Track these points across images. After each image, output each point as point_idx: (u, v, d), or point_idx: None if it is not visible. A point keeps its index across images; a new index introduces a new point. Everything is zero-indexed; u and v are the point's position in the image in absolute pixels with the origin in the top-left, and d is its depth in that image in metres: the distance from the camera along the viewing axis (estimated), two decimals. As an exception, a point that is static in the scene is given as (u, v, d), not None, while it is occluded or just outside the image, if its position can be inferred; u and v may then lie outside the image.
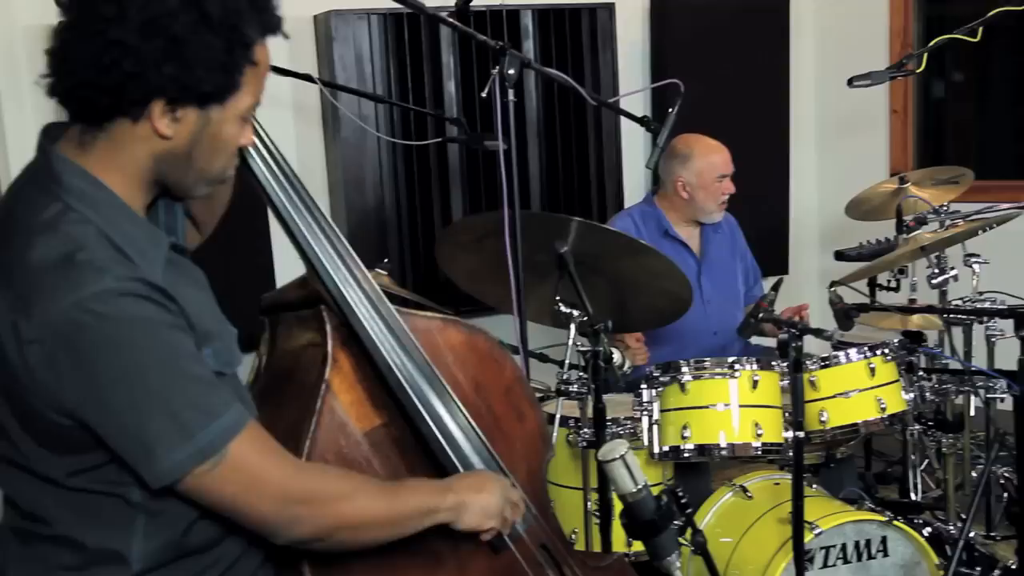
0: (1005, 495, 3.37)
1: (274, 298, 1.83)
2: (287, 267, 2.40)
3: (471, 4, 3.83)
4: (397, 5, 2.47)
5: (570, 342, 2.65)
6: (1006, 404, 2.83)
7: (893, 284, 3.71)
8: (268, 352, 1.82)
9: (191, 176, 1.49)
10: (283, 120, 4.18)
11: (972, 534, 3.08)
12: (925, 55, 3.38)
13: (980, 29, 3.30)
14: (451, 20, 2.60)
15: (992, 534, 3.37)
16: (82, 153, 1.44)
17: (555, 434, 2.68)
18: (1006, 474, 3.34)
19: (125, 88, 1.36)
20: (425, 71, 4.25)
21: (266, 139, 1.66)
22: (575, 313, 2.60)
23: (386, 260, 2.92)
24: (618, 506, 1.89)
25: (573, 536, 2.84)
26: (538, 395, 2.93)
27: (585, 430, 2.73)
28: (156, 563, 1.49)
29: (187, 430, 1.38)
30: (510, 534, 1.77)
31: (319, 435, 1.63)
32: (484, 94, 2.42)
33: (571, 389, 2.65)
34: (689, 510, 1.98)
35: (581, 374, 2.65)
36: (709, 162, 3.51)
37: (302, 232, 1.67)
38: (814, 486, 2.98)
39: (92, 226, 1.39)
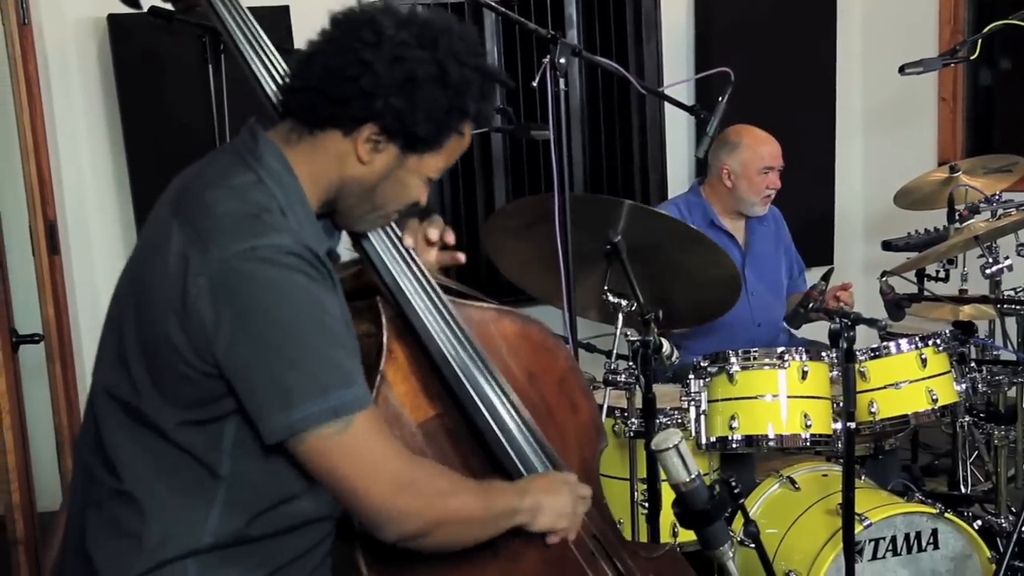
0: (1057, 488, 3.33)
1: (330, 289, 1.84)
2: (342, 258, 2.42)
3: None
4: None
5: (618, 331, 2.64)
6: (1060, 396, 2.80)
7: (942, 274, 3.66)
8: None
9: (365, 208, 1.60)
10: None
11: (1024, 527, 3.04)
12: (979, 41, 3.32)
13: (1038, 13, 3.25)
14: (498, 7, 2.60)
15: (1043, 527, 3.33)
16: (285, 145, 1.55)
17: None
18: (1059, 467, 3.31)
19: (351, 103, 1.49)
20: (469, 60, 4.26)
21: None
22: (623, 303, 2.59)
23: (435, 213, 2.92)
24: (666, 496, 1.89)
25: (620, 525, 2.84)
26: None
27: (632, 420, 2.72)
28: (221, 544, 1.51)
29: (324, 387, 1.44)
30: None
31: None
32: (534, 83, 2.41)
33: (618, 379, 2.65)
34: (742, 500, 1.96)
35: (628, 364, 2.64)
36: (756, 153, 3.49)
37: None
38: (863, 477, 2.96)
39: (276, 201, 1.50)
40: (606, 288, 2.63)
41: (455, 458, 1.73)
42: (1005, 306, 3.21)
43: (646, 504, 2.65)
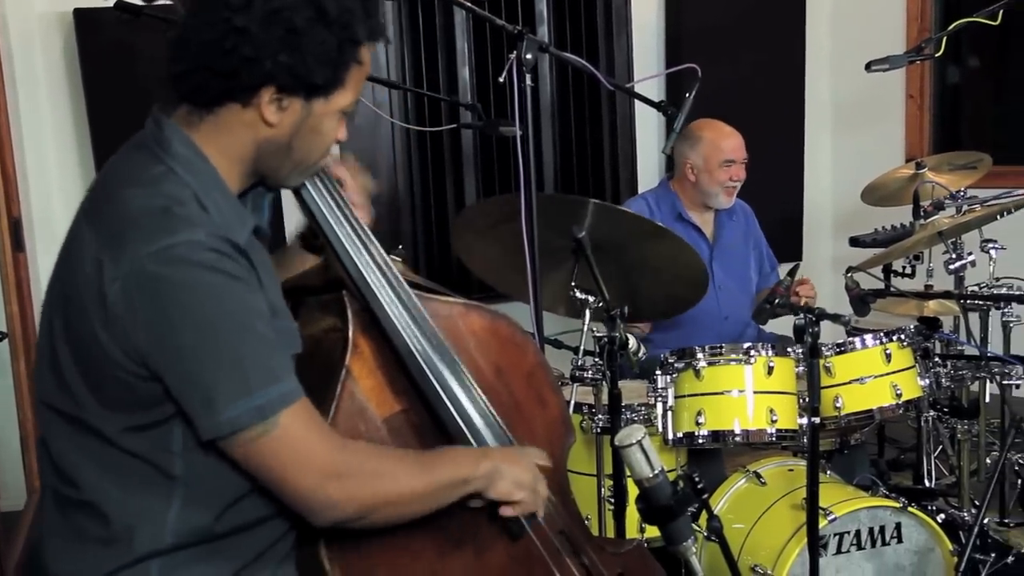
0: (1019, 482, 3.37)
1: (296, 282, 1.83)
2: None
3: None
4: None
5: (585, 328, 2.65)
6: (1022, 390, 2.83)
7: (908, 270, 3.70)
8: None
9: (288, 166, 1.57)
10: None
11: (986, 521, 3.07)
12: (944, 39, 3.36)
13: (1001, 12, 3.28)
14: (467, 3, 2.60)
15: (1006, 521, 3.37)
16: (189, 129, 1.51)
17: (570, 420, 2.69)
18: (1021, 460, 3.34)
19: (240, 73, 1.45)
20: (439, 57, 4.26)
21: None
22: (590, 299, 2.60)
23: (400, 247, 2.92)
24: (632, 492, 1.90)
25: (586, 522, 2.85)
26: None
27: (599, 416, 2.73)
28: (183, 544, 1.51)
29: (248, 385, 1.43)
30: (529, 519, 1.77)
31: (338, 420, 1.63)
32: (501, 79, 2.41)
33: (585, 375, 2.65)
34: (705, 495, 1.98)
35: (595, 360, 2.65)
36: (717, 146, 3.52)
37: (324, 216, 1.68)
38: (828, 472, 2.98)
39: (189, 190, 1.46)
40: (573, 284, 2.64)
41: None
42: (967, 301, 3.25)
43: (613, 500, 2.66)
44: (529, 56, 2.37)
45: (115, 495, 1.50)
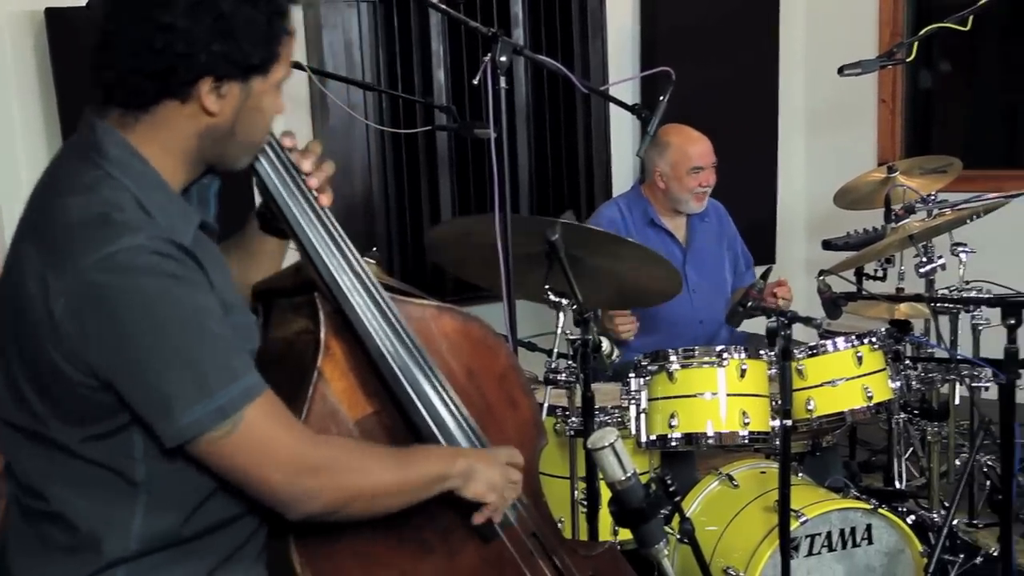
0: (988, 483, 3.40)
1: (268, 284, 1.82)
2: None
3: (462, -9, 3.86)
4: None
5: (558, 331, 2.65)
6: (991, 393, 2.85)
7: (880, 273, 3.73)
8: (261, 338, 1.81)
9: (233, 149, 1.54)
10: (271, 107, 4.17)
11: (955, 522, 3.11)
12: (915, 44, 3.39)
13: (971, 18, 3.32)
14: (442, 6, 2.60)
15: (975, 522, 3.40)
16: (124, 130, 1.48)
17: (543, 422, 2.69)
18: (989, 462, 3.37)
19: (175, 71, 1.41)
20: (415, 59, 4.25)
21: None
22: (564, 302, 2.60)
23: (375, 248, 2.92)
24: (606, 495, 1.90)
25: (560, 524, 2.85)
26: (526, 383, 2.94)
27: (573, 419, 2.74)
28: (149, 549, 1.50)
29: (207, 388, 1.41)
30: (500, 522, 1.78)
31: (310, 422, 1.63)
32: (475, 81, 2.41)
33: (559, 378, 2.66)
34: (677, 498, 1.99)
35: (569, 363, 2.65)
36: (684, 153, 3.52)
37: (296, 218, 1.66)
38: (800, 474, 3.00)
39: (128, 193, 1.43)
40: (547, 287, 2.64)
41: (393, 456, 1.73)
42: (937, 305, 3.28)
43: (586, 502, 2.66)
44: (503, 58, 2.38)
45: (81, 505, 1.48)
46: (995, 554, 2.99)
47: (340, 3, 4.07)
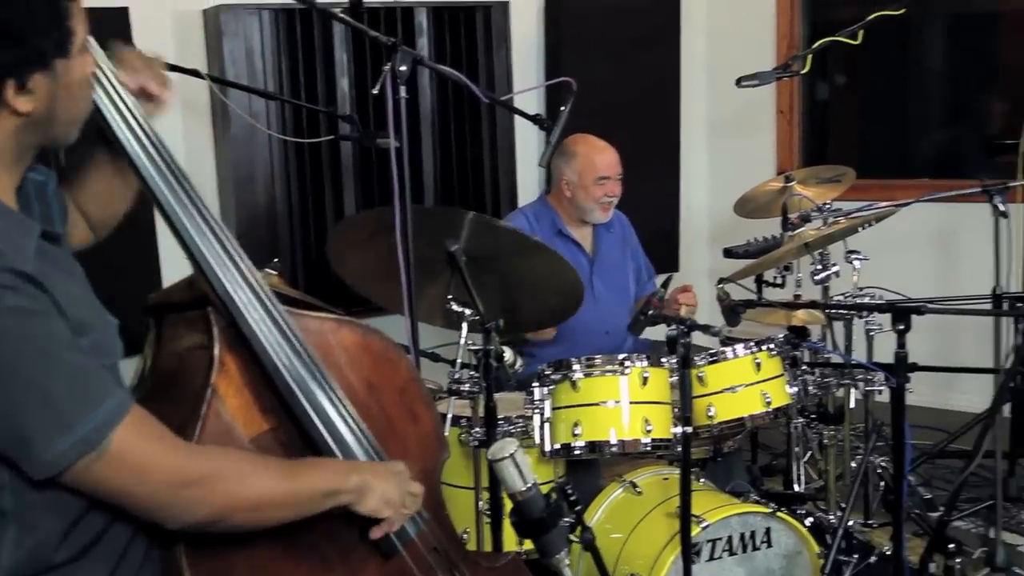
0: (882, 484, 3.49)
1: (160, 298, 1.79)
2: (174, 267, 2.36)
3: (364, 1, 3.83)
4: (289, 0, 2.44)
5: (462, 341, 2.65)
6: (884, 396, 2.93)
7: (779, 280, 3.80)
8: (153, 354, 1.77)
9: (59, 129, 1.49)
10: (170, 116, 4.07)
11: (851, 522, 3.18)
12: (809, 57, 3.49)
13: (861, 32, 3.42)
14: (342, 16, 2.58)
15: (870, 522, 3.49)
16: None
17: (447, 434, 2.69)
18: (883, 463, 3.46)
19: None
20: (318, 68, 4.21)
21: (152, 135, 1.62)
22: (467, 312, 2.60)
23: (276, 260, 2.87)
24: (509, 505, 1.90)
25: (464, 536, 2.85)
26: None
27: (477, 429, 2.74)
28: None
29: (66, 422, 1.36)
30: (402, 537, 1.76)
31: (204, 440, 1.59)
32: (375, 91, 2.40)
33: (463, 388, 2.66)
34: (578, 507, 2.00)
35: (473, 373, 2.65)
36: (591, 163, 3.55)
37: (188, 231, 1.63)
38: (702, 480, 3.04)
39: None
40: (449, 297, 2.63)
41: (290, 472, 1.70)
42: (832, 311, 3.36)
43: (490, 513, 2.66)
44: (403, 68, 2.37)
45: None
46: (888, 552, 3.07)
47: (241, 11, 4.01)
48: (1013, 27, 5.11)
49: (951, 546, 2.75)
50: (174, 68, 3.12)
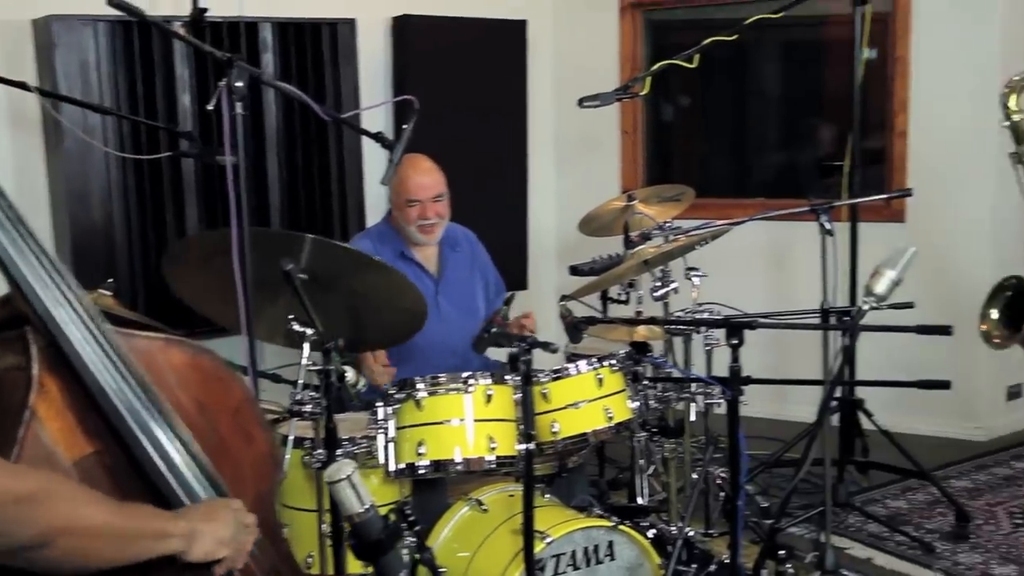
0: (722, 494, 3.59)
1: (-27, 320, 1.70)
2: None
3: (207, 15, 3.76)
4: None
5: (303, 361, 2.60)
6: (723, 409, 3.01)
7: (623, 297, 3.88)
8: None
9: None
10: (-3, 130, 3.92)
11: (692, 532, 3.26)
12: (649, 78, 3.59)
13: (697, 56, 3.54)
14: (175, 30, 2.54)
15: (710, 531, 3.58)
16: None
17: (288, 455, 2.64)
18: (722, 474, 3.56)
19: None
20: (158, 82, 4.10)
21: None
22: (308, 332, 2.56)
23: (111, 280, 2.79)
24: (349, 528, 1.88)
25: (309, 560, 2.80)
26: (271, 416, 2.87)
27: (319, 451, 2.69)
28: None
29: None
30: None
31: (22, 463, 1.53)
32: (211, 107, 2.36)
33: (304, 409, 2.61)
34: (418, 527, 1.99)
35: (314, 394, 2.61)
36: (404, 185, 3.48)
37: (3, 247, 1.57)
38: (547, 496, 3.06)
39: None
40: (291, 317, 2.59)
41: (116, 496, 1.64)
42: (670, 327, 3.44)
43: (332, 536, 2.62)
44: (240, 84, 2.33)
45: None
46: (726, 560, 3.15)
47: (75, 22, 3.87)
48: (835, 57, 5.35)
49: (781, 552, 2.85)
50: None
